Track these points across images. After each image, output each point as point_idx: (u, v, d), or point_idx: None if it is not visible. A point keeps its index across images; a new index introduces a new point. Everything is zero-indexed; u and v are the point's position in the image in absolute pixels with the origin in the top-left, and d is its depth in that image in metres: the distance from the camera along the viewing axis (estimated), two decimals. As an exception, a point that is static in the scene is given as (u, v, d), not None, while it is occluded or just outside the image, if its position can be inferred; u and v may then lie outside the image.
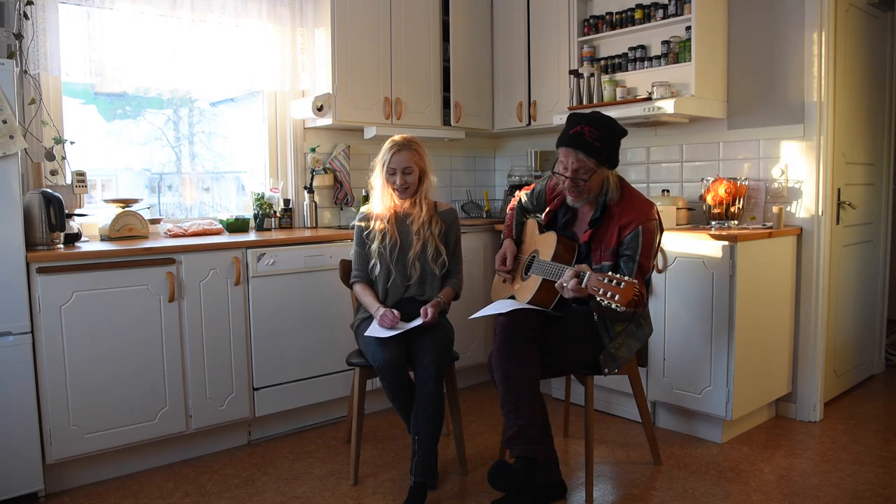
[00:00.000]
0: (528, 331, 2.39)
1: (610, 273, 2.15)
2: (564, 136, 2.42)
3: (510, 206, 2.88)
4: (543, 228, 2.66)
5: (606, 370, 2.46)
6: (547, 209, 2.67)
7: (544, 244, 2.60)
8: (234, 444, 3.13)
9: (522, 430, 2.25)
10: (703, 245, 2.99)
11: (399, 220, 2.78)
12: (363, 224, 2.81)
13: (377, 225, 2.76)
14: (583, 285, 2.18)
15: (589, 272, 2.19)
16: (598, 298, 2.12)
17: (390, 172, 2.72)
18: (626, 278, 2.10)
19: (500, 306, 2.54)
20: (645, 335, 2.55)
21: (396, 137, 2.76)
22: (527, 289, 2.56)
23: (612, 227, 2.41)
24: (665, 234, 3.09)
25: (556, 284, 2.30)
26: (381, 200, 2.78)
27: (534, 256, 2.64)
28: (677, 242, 3.07)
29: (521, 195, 2.85)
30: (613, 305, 2.09)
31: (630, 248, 2.36)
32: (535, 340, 2.39)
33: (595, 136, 2.36)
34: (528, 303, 2.50)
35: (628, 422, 3.36)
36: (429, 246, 2.74)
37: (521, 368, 2.32)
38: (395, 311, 2.63)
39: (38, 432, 2.55)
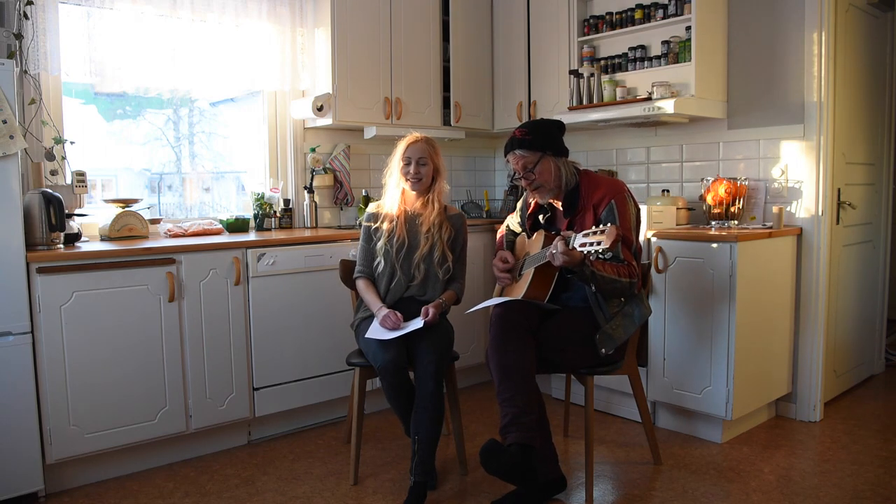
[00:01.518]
0: (524, 321, 2.41)
1: (592, 227, 2.23)
2: (504, 147, 2.61)
3: (499, 232, 2.96)
4: (530, 233, 2.72)
5: (604, 350, 2.45)
6: (528, 215, 2.75)
7: (534, 243, 2.65)
8: (234, 444, 3.13)
9: (517, 417, 2.25)
10: (703, 245, 2.99)
11: (409, 220, 2.78)
12: (372, 220, 2.81)
13: (385, 224, 2.76)
14: (570, 246, 2.26)
15: (574, 235, 2.28)
16: (586, 251, 2.18)
17: (405, 162, 2.73)
18: (608, 224, 2.17)
19: (496, 301, 2.55)
20: (642, 315, 2.54)
21: (416, 134, 2.80)
22: (521, 285, 2.59)
23: (587, 209, 2.51)
24: (665, 234, 3.11)
25: (546, 254, 2.36)
26: (393, 198, 2.78)
27: (526, 257, 2.68)
28: (678, 242, 3.07)
29: (509, 220, 2.94)
30: (601, 252, 2.14)
31: (609, 221, 2.42)
32: (530, 331, 2.41)
33: (524, 133, 2.54)
34: (523, 297, 2.52)
35: (628, 422, 3.36)
36: (436, 249, 2.74)
37: (515, 357, 2.33)
38: (398, 313, 2.63)
39: (38, 432, 2.54)
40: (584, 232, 2.22)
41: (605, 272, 2.34)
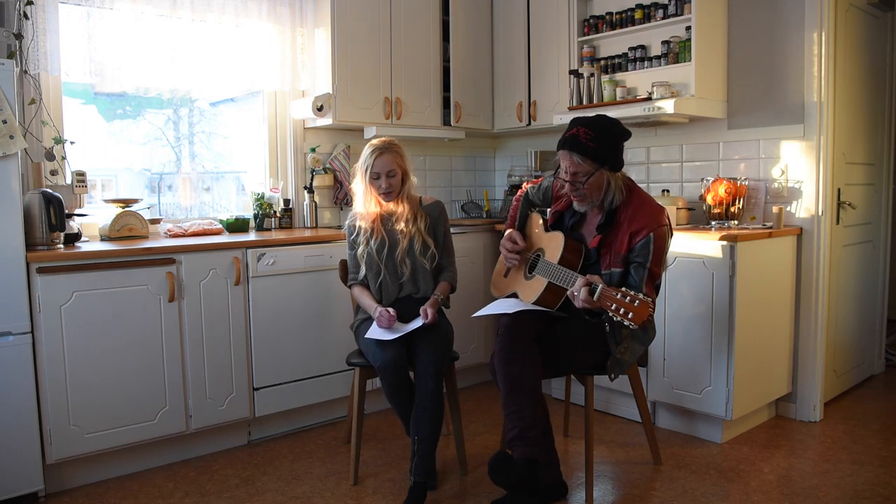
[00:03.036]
0: (531, 332, 2.39)
1: (623, 289, 2.12)
2: (562, 139, 2.39)
3: (516, 196, 2.83)
4: (549, 227, 2.62)
5: (613, 375, 2.45)
6: (553, 209, 2.64)
7: (550, 244, 2.55)
8: (234, 444, 3.13)
9: (523, 431, 2.25)
10: (703, 245, 2.99)
11: (384, 220, 2.79)
12: (351, 228, 2.83)
13: (363, 227, 2.77)
14: (595, 298, 2.16)
15: (601, 285, 2.16)
16: (609, 314, 2.10)
17: (374, 177, 2.72)
18: (641, 296, 2.07)
19: (504, 306, 2.53)
20: (649, 338, 2.54)
21: (375, 141, 2.76)
22: (531, 289, 2.54)
23: (623, 233, 2.36)
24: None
25: (567, 293, 2.29)
26: (365, 205, 2.79)
27: (538, 255, 2.60)
28: (677, 242, 3.06)
29: (528, 187, 2.81)
30: (626, 323, 2.07)
31: (641, 255, 2.32)
32: (537, 342, 2.39)
33: (590, 138, 2.32)
34: (533, 304, 2.49)
35: (628, 422, 3.36)
36: (415, 241, 2.75)
37: (522, 369, 2.32)
38: (392, 310, 2.63)
39: (38, 432, 2.55)
40: (612, 290, 2.12)
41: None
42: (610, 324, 2.33)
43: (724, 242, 2.93)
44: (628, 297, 2.08)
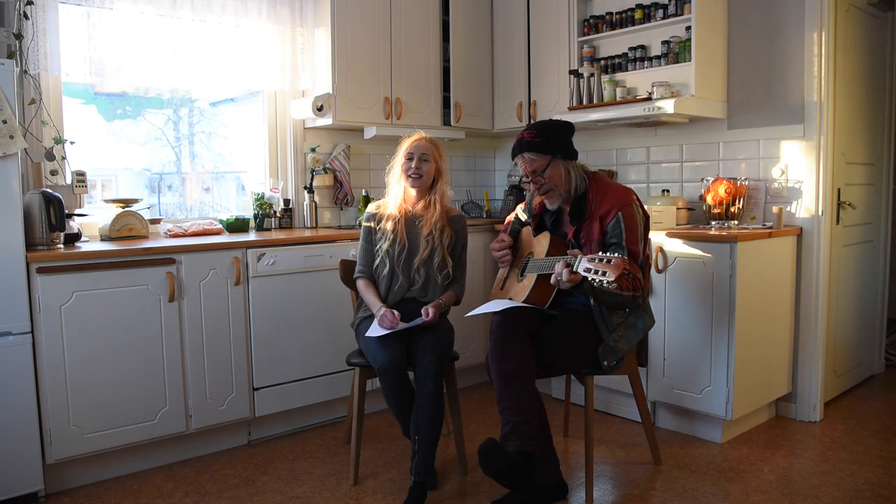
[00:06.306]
0: (523, 328, 2.40)
1: (599, 254, 2.20)
2: (512, 150, 2.57)
3: (507, 219, 2.94)
4: (535, 232, 2.71)
5: (605, 363, 2.46)
6: (534, 215, 2.73)
7: (538, 245, 2.65)
8: (234, 444, 3.13)
9: (518, 426, 2.25)
10: (703, 245, 2.99)
11: (409, 222, 2.77)
12: (372, 220, 2.81)
13: (388, 224, 2.75)
14: (574, 270, 2.24)
15: (580, 256, 2.25)
16: (590, 278, 2.16)
17: (407, 157, 2.72)
18: (615, 255, 2.15)
19: (496, 305, 2.55)
20: (646, 326, 2.55)
21: (421, 133, 2.81)
22: (522, 288, 2.58)
23: (594, 219, 2.47)
24: (665, 234, 3.11)
25: (551, 278, 2.34)
26: (394, 198, 2.78)
27: (528, 258, 2.67)
28: (677, 242, 3.07)
29: (518, 210, 2.91)
30: (605, 283, 2.13)
31: (615, 235, 2.41)
32: (530, 337, 2.40)
33: (534, 135, 2.49)
34: (524, 302, 2.51)
35: (628, 422, 3.36)
36: (436, 255, 2.73)
37: (516, 365, 2.33)
38: (396, 312, 2.63)
39: (38, 432, 2.55)
40: (590, 257, 2.18)
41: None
42: (594, 295, 2.35)
43: (725, 242, 2.93)
44: (604, 260, 2.15)
